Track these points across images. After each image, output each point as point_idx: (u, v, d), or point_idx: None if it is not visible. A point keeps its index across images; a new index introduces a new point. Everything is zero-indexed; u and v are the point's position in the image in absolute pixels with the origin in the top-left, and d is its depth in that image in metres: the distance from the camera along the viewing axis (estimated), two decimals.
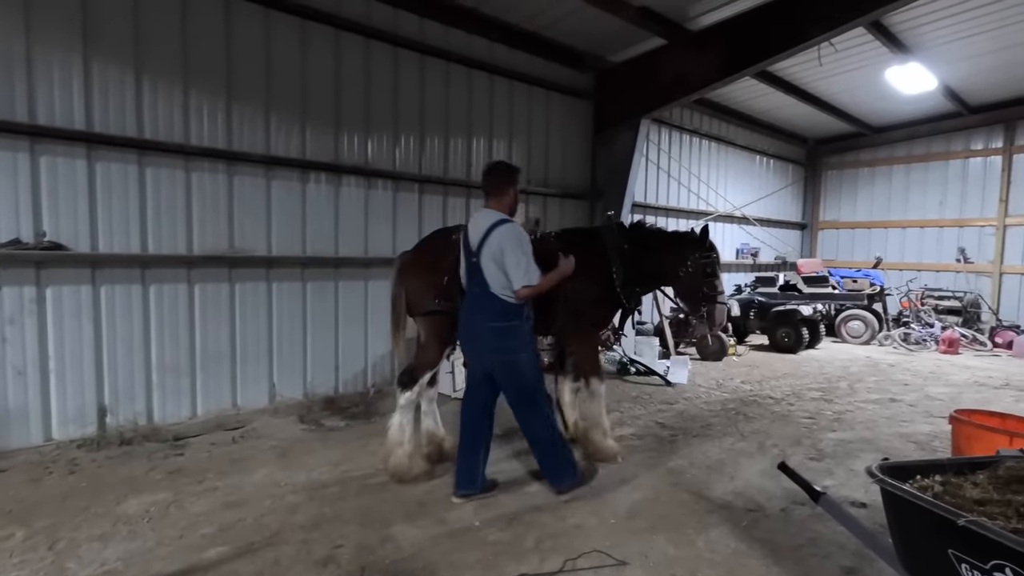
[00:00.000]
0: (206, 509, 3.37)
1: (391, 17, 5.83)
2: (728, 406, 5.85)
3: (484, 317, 3.41)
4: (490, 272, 3.34)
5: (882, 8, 5.39)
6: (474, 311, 3.45)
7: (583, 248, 4.10)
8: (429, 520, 3.27)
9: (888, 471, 1.90)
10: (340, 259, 5.65)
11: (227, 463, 4.09)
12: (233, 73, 4.90)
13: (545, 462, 3.64)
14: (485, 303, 3.39)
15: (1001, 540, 1.46)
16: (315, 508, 3.40)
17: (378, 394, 5.84)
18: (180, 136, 4.66)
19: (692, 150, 10.16)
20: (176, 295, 4.72)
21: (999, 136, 10.77)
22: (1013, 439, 3.56)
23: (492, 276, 3.34)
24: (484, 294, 3.39)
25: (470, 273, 3.48)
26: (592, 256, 4.12)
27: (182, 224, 4.71)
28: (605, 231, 4.35)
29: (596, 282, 4.13)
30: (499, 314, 3.37)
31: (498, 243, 3.30)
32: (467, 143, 6.65)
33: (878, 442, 4.76)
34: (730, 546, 3.04)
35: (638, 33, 6.83)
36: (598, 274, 4.14)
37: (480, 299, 3.41)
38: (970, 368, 8.01)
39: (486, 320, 3.40)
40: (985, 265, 10.94)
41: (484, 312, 3.40)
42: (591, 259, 4.10)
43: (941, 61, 8.22)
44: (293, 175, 5.33)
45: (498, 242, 3.30)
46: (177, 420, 4.76)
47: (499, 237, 3.30)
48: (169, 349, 4.72)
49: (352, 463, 4.13)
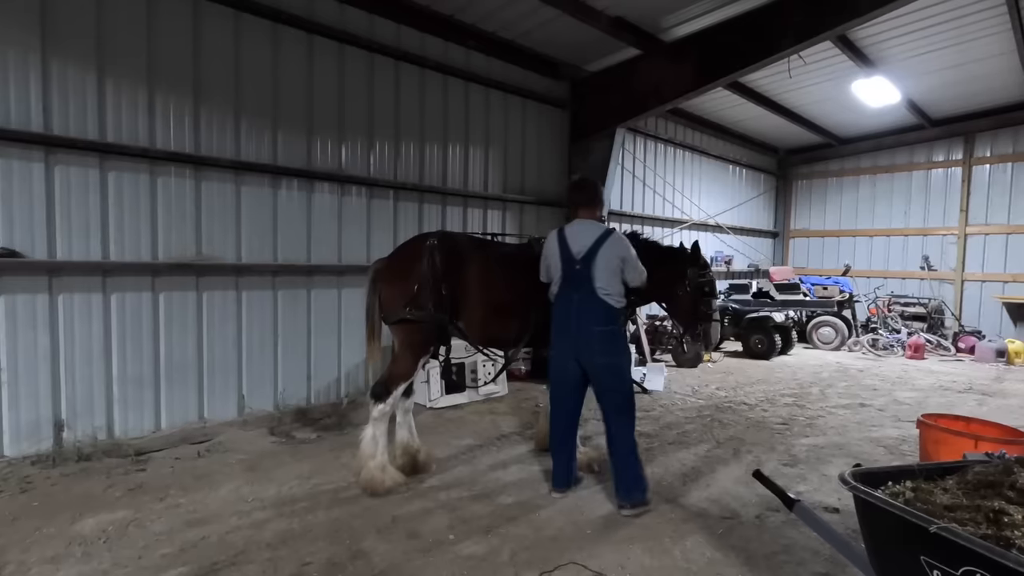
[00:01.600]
0: (167, 527, 3.23)
1: (366, 22, 5.77)
2: (703, 413, 5.88)
3: (591, 321, 3.51)
4: (602, 278, 3.50)
5: (847, 23, 5.55)
6: (579, 315, 3.53)
7: None
8: (402, 534, 3.19)
9: (860, 478, 1.91)
10: (312, 267, 5.53)
11: (192, 478, 3.94)
12: (201, 76, 4.78)
13: (624, 475, 3.54)
14: (590, 307, 3.52)
15: (971, 546, 1.47)
16: (283, 524, 3.28)
17: (351, 405, 5.72)
18: (145, 140, 4.51)
19: (667, 159, 10.30)
20: (139, 304, 4.55)
21: (959, 148, 11.18)
22: (978, 442, 3.65)
23: (604, 281, 3.51)
24: (588, 298, 3.51)
25: (571, 279, 3.57)
26: None
27: (146, 230, 4.56)
28: None
29: None
30: (605, 318, 3.53)
31: (614, 252, 3.53)
32: (443, 150, 6.61)
33: (849, 447, 4.84)
34: (706, 555, 3.03)
35: (613, 43, 6.91)
36: None
37: (584, 303, 3.52)
38: (935, 373, 8.23)
39: (594, 324, 3.51)
40: (948, 273, 11.31)
41: (591, 316, 3.52)
42: None
43: (904, 75, 8.51)
44: (264, 181, 5.22)
45: (614, 251, 3.53)
46: (140, 434, 4.58)
47: (615, 247, 3.54)
48: (132, 360, 4.55)
49: (323, 476, 4.02)
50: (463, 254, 3.89)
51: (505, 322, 3.99)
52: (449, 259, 3.78)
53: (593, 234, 3.57)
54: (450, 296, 3.77)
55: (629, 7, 6.25)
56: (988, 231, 10.88)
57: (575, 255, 3.56)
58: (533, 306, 3.94)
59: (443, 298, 3.74)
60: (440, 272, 3.72)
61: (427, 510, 3.49)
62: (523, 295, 3.96)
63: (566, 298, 3.61)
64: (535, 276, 3.90)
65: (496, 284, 3.92)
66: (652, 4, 6.18)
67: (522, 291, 3.96)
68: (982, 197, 10.95)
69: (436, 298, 3.72)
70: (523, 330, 4.02)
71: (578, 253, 3.55)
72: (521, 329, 4.02)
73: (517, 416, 5.60)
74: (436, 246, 3.77)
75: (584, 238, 3.57)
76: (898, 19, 6.75)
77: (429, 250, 3.76)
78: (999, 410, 6.03)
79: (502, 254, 4.19)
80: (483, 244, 4.23)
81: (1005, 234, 10.69)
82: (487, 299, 3.88)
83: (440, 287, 3.72)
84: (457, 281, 3.80)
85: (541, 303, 3.86)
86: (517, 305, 3.97)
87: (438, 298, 3.73)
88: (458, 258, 3.84)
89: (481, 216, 7.10)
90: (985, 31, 7.18)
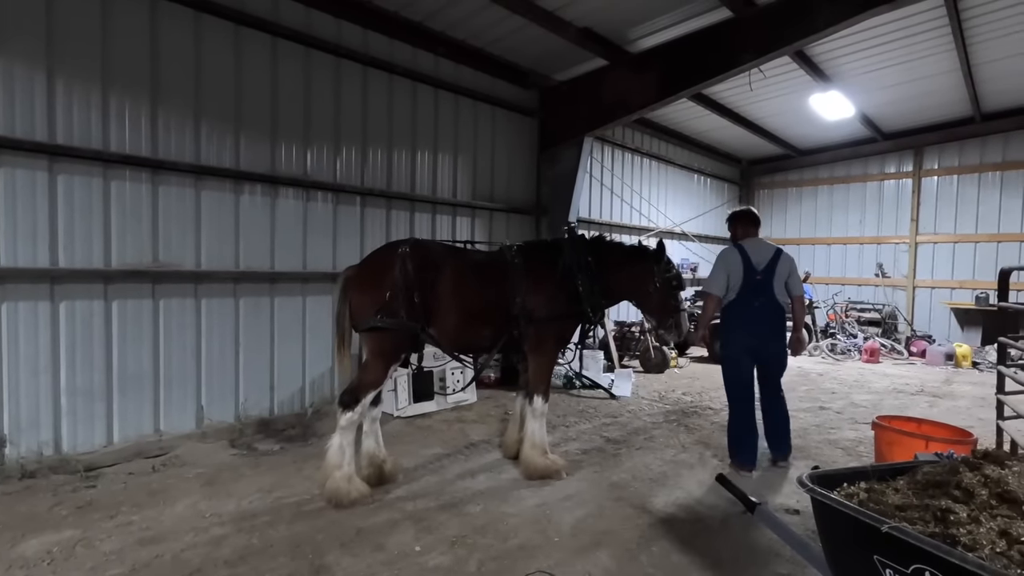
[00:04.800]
0: (118, 546, 3.08)
1: (333, 27, 5.70)
2: (670, 418, 5.97)
3: (776, 321, 4.39)
4: (779, 287, 4.36)
5: (804, 39, 5.76)
6: (765, 317, 4.35)
7: (546, 262, 4.18)
8: (367, 547, 3.12)
9: (817, 480, 1.96)
10: (276, 274, 5.40)
11: (145, 494, 3.78)
12: (159, 77, 4.63)
13: (787, 437, 4.52)
14: (772, 310, 4.37)
15: (920, 545, 1.52)
16: (242, 540, 3.17)
17: (316, 414, 5.59)
18: (98, 142, 4.33)
19: (634, 168, 10.46)
20: (91, 312, 4.36)
21: (909, 160, 11.71)
22: (929, 443, 3.80)
23: (779, 290, 4.37)
24: (769, 303, 4.34)
25: (755, 288, 4.33)
26: (555, 271, 4.15)
27: (99, 236, 4.37)
28: (567, 245, 4.31)
29: (561, 297, 4.14)
30: (782, 318, 4.43)
31: (787, 266, 4.41)
32: (411, 156, 6.56)
33: (809, 449, 4.97)
34: (672, 559, 3.06)
35: (581, 53, 6.99)
36: (562, 289, 4.15)
37: (766, 307, 4.34)
38: (889, 376, 8.55)
39: (778, 323, 4.40)
40: (900, 279, 11.79)
41: (774, 317, 4.38)
42: (554, 274, 4.14)
43: (858, 90, 8.88)
44: (226, 186, 5.07)
45: (787, 266, 4.41)
46: (90, 449, 4.36)
47: (787, 262, 4.43)
48: (82, 371, 4.34)
49: (286, 489, 3.91)
50: (436, 261, 3.89)
51: (479, 329, 4.01)
52: (422, 266, 3.78)
53: (770, 251, 4.43)
54: (422, 303, 3.75)
55: (597, 19, 6.34)
56: (937, 239, 11.40)
57: (758, 268, 4.34)
58: (506, 313, 3.98)
59: (415, 305, 3.72)
60: (412, 279, 3.71)
61: (393, 521, 3.43)
62: (496, 302, 3.99)
63: (746, 302, 4.34)
64: (508, 283, 3.98)
65: (470, 291, 3.93)
66: (619, 16, 6.29)
67: (495, 298, 3.99)
68: (931, 207, 11.49)
69: (408, 305, 3.70)
70: (497, 337, 4.04)
71: (760, 266, 4.34)
72: (495, 336, 4.04)
73: (486, 424, 5.57)
74: (408, 253, 3.76)
75: (763, 255, 4.39)
76: (852, 36, 7.04)
77: (401, 257, 3.74)
78: (949, 411, 6.30)
79: (475, 261, 4.19)
80: (456, 251, 4.23)
81: (952, 243, 11.22)
82: (460, 306, 3.88)
83: (412, 294, 3.71)
84: (430, 288, 3.79)
85: (523, 310, 3.98)
86: (490, 312, 3.99)
87: (410, 305, 3.71)
88: (431, 265, 3.84)
89: (450, 223, 7.07)
90: (932, 50, 7.55)
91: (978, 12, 6.62)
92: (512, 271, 4.05)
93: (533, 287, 4.07)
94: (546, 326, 4.10)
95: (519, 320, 4.00)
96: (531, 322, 4.03)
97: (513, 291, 4.00)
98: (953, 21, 6.66)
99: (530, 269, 4.11)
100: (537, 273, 4.13)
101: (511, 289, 4.00)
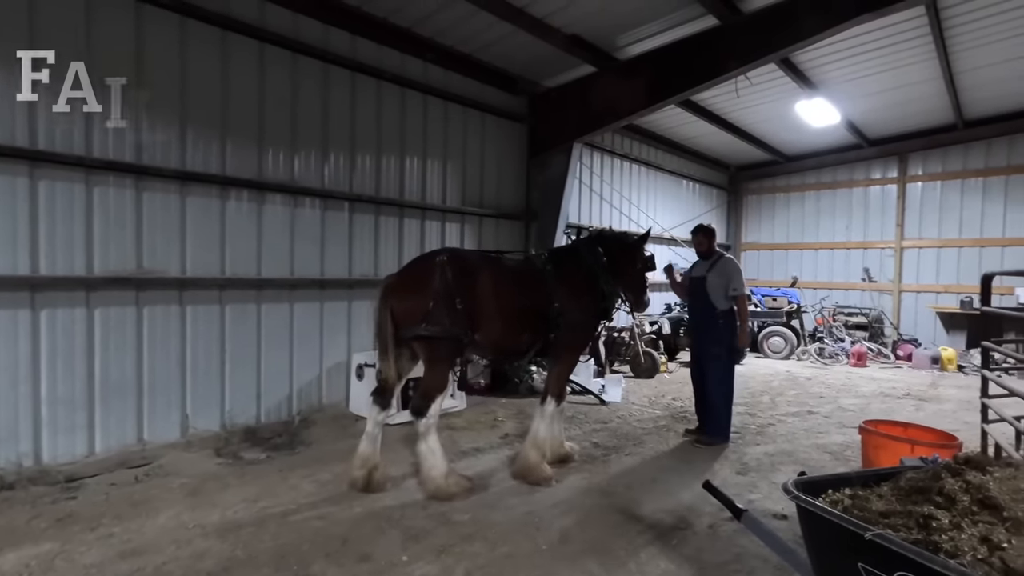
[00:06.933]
0: (98, 559, 3.02)
1: (321, 33, 5.68)
2: (660, 423, 5.97)
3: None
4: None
5: (790, 47, 5.83)
6: None
7: (574, 267, 4.50)
8: (353, 557, 3.08)
9: (802, 487, 1.96)
10: (263, 280, 5.35)
11: (127, 505, 3.71)
12: (144, 82, 4.57)
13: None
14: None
15: (903, 552, 1.52)
16: (226, 551, 3.12)
17: (304, 422, 5.53)
18: (80, 148, 4.28)
19: (623, 174, 10.51)
20: (72, 320, 4.29)
21: (894, 167, 11.86)
22: (914, 447, 3.83)
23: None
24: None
25: None
26: (583, 274, 4.46)
27: (81, 243, 4.30)
28: (584, 248, 4.66)
29: (591, 298, 4.45)
30: None
31: None
32: (400, 162, 6.54)
33: (797, 454, 4.99)
34: (660, 566, 3.05)
35: (570, 60, 7.03)
36: (591, 290, 4.45)
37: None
38: (876, 380, 8.62)
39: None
40: (886, 284, 11.92)
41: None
42: (583, 277, 4.45)
43: (843, 97, 8.98)
44: (212, 192, 5.03)
45: None
46: (71, 459, 4.28)
47: None
48: (63, 380, 4.27)
49: (271, 498, 3.85)
50: (474, 269, 4.04)
51: (520, 334, 4.22)
52: (461, 274, 3.91)
53: None
54: (466, 310, 3.87)
55: (585, 25, 6.38)
56: (921, 244, 11.54)
57: None
58: (543, 318, 4.21)
59: (458, 312, 3.84)
60: (453, 287, 3.84)
61: (380, 530, 3.40)
62: (534, 307, 4.21)
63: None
64: (544, 288, 4.27)
65: (510, 297, 4.11)
66: (607, 23, 6.33)
67: (532, 303, 4.21)
68: (915, 213, 11.63)
69: (451, 313, 3.82)
70: (534, 341, 4.28)
71: None
72: (532, 340, 4.28)
73: (475, 431, 5.54)
74: (447, 262, 3.91)
75: None
76: (837, 44, 7.12)
77: (440, 266, 3.88)
78: (935, 415, 6.36)
79: (511, 268, 4.41)
80: (491, 259, 4.42)
81: (937, 247, 11.37)
82: (503, 311, 4.05)
83: (454, 302, 3.83)
84: (471, 295, 3.92)
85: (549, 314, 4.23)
86: (530, 317, 4.21)
87: (453, 313, 3.83)
88: (469, 273, 3.98)
89: (439, 229, 7.05)
90: (915, 58, 7.66)
91: (959, 21, 6.73)
92: (545, 277, 4.32)
93: (568, 291, 4.31)
94: (579, 328, 4.40)
95: (557, 323, 4.23)
96: (566, 325, 4.26)
97: (550, 296, 4.25)
98: (935, 30, 6.76)
99: (562, 274, 4.39)
100: (569, 278, 4.39)
101: (547, 294, 4.25)
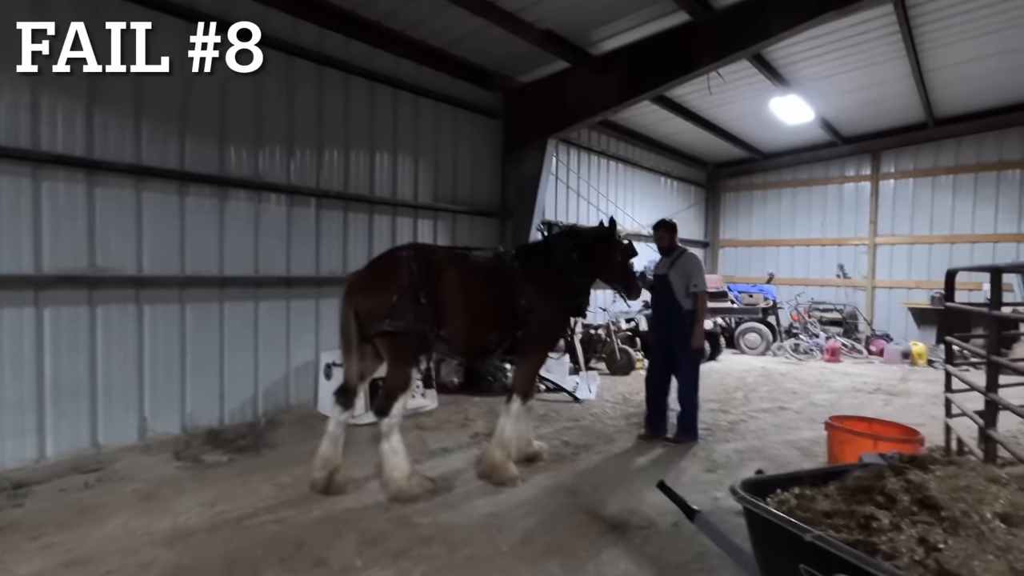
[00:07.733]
0: (37, 570, 2.90)
1: (289, 26, 5.54)
2: (632, 421, 5.95)
3: None
4: None
5: (759, 43, 5.84)
6: None
7: (542, 264, 4.42)
8: (307, 562, 3.00)
9: (750, 487, 1.93)
10: (225, 279, 5.21)
11: (74, 512, 3.57)
12: (95, 75, 4.39)
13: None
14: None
15: (840, 554, 1.49)
16: (174, 559, 3.01)
17: (270, 424, 5.41)
18: (27, 141, 4.12)
19: (600, 171, 10.48)
20: (19, 320, 4.13)
21: (867, 164, 12.01)
22: (877, 443, 3.85)
23: None
24: None
25: None
26: (551, 271, 4.39)
27: (27, 240, 4.14)
28: (555, 244, 4.57)
29: (560, 295, 4.38)
30: None
31: None
32: (369, 158, 6.42)
33: (766, 450, 4.99)
34: (620, 567, 3.01)
35: (544, 55, 6.97)
36: (561, 287, 4.38)
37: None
38: (849, 375, 8.71)
39: None
40: (860, 280, 12.07)
41: None
42: (551, 274, 4.37)
43: (816, 95, 9.05)
44: (170, 187, 4.88)
45: None
46: (19, 464, 4.13)
47: None
48: (11, 382, 4.11)
49: (228, 503, 3.74)
50: (440, 264, 3.97)
51: (487, 331, 4.14)
52: (426, 268, 3.84)
53: None
54: (430, 305, 3.80)
55: (559, 21, 6.32)
56: (894, 241, 11.71)
57: None
58: (511, 315, 4.14)
59: (423, 307, 3.76)
60: (418, 281, 3.77)
61: (337, 534, 3.31)
62: (501, 304, 4.14)
63: None
64: (512, 285, 4.19)
65: (477, 292, 4.04)
66: (581, 18, 6.28)
67: (500, 300, 4.14)
68: (888, 210, 11.79)
69: (416, 307, 3.74)
70: (502, 339, 4.21)
71: None
72: (500, 338, 4.21)
73: (444, 431, 5.46)
74: (412, 256, 3.85)
75: None
76: (809, 42, 7.15)
77: (406, 260, 3.81)
78: (903, 409, 6.43)
79: (478, 264, 4.34)
80: (458, 255, 4.37)
81: (909, 244, 11.54)
82: (469, 307, 3.97)
83: (419, 296, 3.76)
84: (436, 290, 3.85)
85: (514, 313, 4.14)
86: (497, 313, 4.14)
87: (417, 307, 3.75)
88: (435, 267, 3.91)
89: (411, 225, 6.95)
90: (886, 56, 7.73)
91: (927, 20, 6.79)
92: (513, 274, 4.26)
93: (536, 288, 4.25)
94: (548, 325, 4.34)
95: (526, 321, 4.16)
96: (535, 323, 4.19)
97: (517, 293, 4.18)
98: (904, 28, 6.82)
99: (530, 271, 4.32)
100: (537, 275, 4.33)
101: (515, 291, 4.18)
